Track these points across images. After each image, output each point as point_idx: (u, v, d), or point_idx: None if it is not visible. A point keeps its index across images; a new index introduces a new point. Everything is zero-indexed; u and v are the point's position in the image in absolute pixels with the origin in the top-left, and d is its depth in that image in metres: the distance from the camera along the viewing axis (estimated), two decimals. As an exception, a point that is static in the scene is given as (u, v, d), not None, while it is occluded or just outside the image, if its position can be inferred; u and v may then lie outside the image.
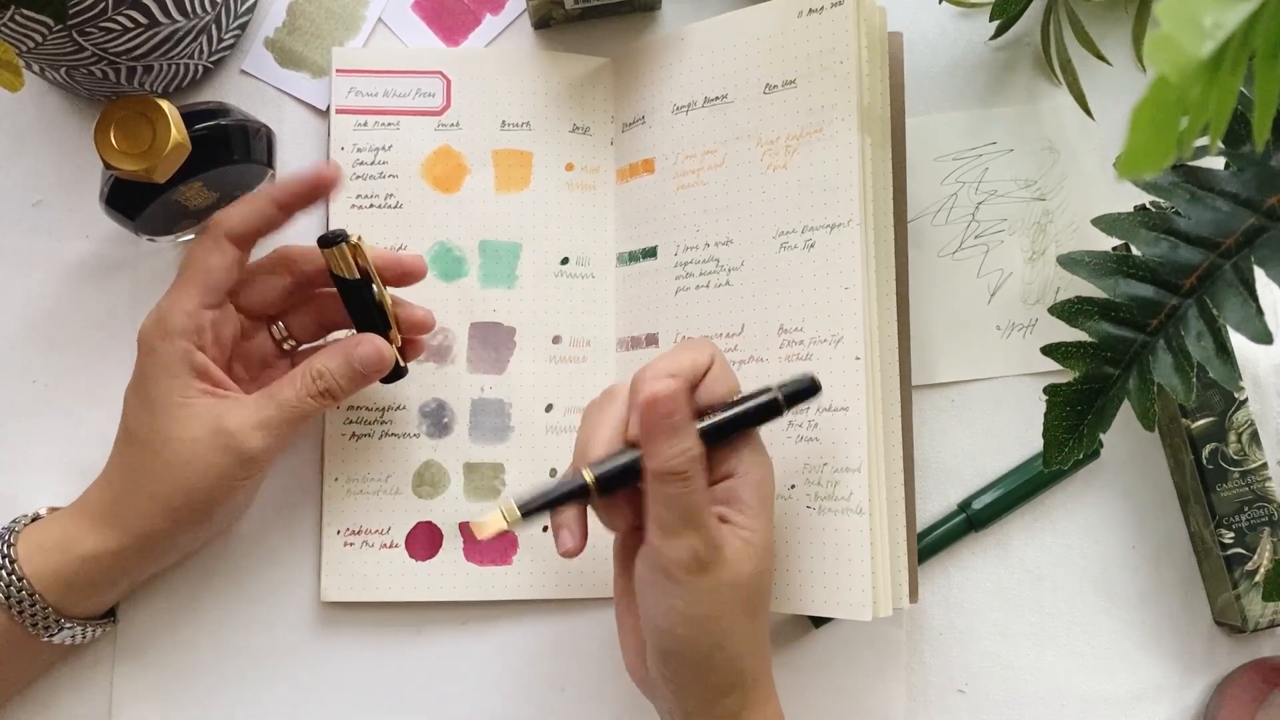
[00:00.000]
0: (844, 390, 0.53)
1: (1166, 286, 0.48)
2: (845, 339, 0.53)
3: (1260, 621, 0.57)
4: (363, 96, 0.61)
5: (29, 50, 0.52)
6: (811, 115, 0.56)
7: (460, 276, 0.60)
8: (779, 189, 0.56)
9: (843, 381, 0.53)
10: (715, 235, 0.58)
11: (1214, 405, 0.58)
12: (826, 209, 0.55)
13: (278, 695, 0.58)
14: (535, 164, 0.61)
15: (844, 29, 0.55)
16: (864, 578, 0.52)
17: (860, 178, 0.54)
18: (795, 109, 0.56)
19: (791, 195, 0.56)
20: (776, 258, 0.56)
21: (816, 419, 0.54)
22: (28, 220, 0.61)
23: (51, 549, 0.52)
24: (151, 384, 0.51)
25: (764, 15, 0.57)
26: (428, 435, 0.59)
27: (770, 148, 0.57)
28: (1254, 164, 0.47)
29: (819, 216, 0.55)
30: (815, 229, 0.55)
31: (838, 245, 0.54)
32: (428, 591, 0.58)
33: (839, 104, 0.55)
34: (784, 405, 0.49)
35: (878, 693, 0.59)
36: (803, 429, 0.54)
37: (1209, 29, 0.26)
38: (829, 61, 0.55)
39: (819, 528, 0.53)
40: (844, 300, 0.54)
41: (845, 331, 0.54)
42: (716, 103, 0.58)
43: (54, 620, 0.52)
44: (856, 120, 0.54)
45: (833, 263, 0.54)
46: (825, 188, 0.55)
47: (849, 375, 0.53)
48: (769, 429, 0.55)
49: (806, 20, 0.56)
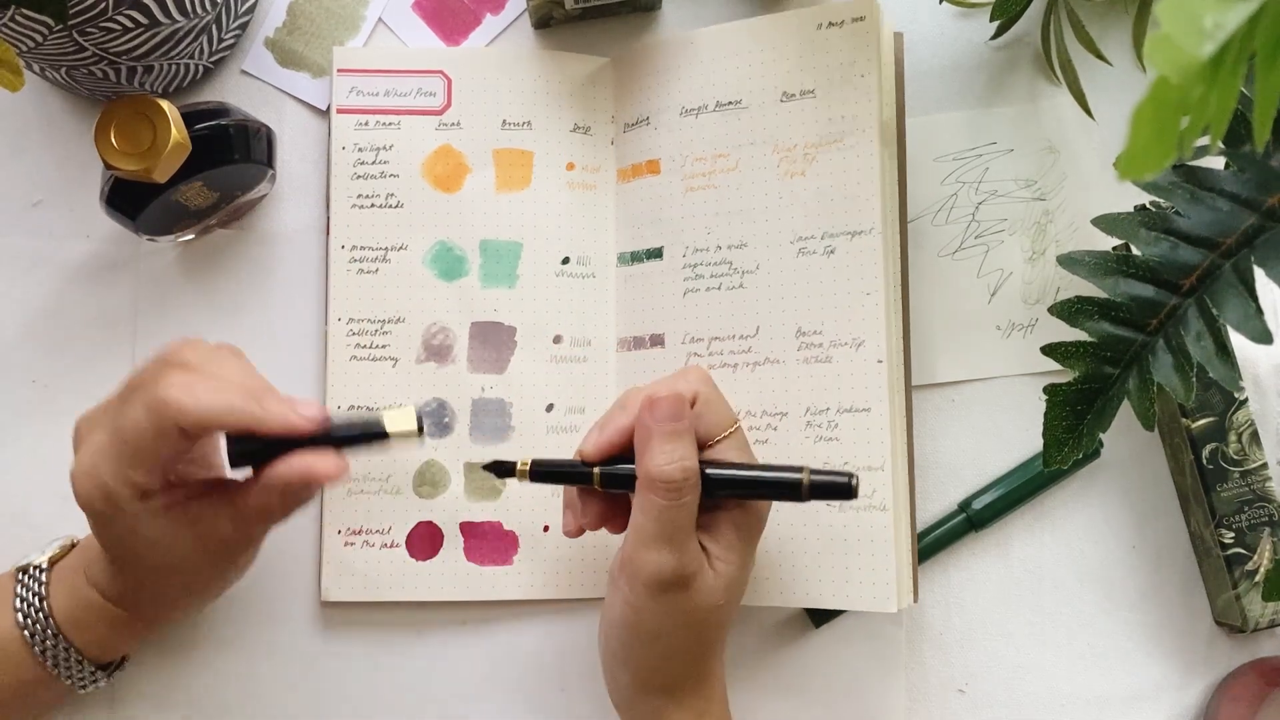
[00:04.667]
0: (865, 392, 0.55)
1: (1166, 286, 0.48)
2: (867, 343, 0.55)
3: (1260, 621, 0.57)
4: (363, 96, 0.61)
5: (29, 50, 0.52)
6: (831, 125, 0.57)
7: (461, 276, 0.60)
8: (797, 195, 0.57)
9: (864, 384, 0.55)
10: (728, 238, 0.58)
11: (1214, 405, 0.58)
12: (847, 216, 0.56)
13: (278, 695, 0.58)
14: (536, 163, 0.61)
15: (865, 44, 0.56)
16: (889, 570, 0.53)
17: (881, 188, 0.55)
18: (814, 118, 0.57)
19: (810, 202, 0.57)
20: (795, 262, 0.57)
21: (837, 419, 0.55)
22: (28, 220, 0.61)
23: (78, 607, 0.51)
24: (128, 539, 0.47)
25: (781, 25, 0.58)
26: (428, 435, 0.59)
27: (788, 154, 0.57)
28: (1254, 164, 0.47)
29: (839, 224, 0.56)
30: (835, 235, 0.56)
31: (859, 252, 0.55)
32: (428, 591, 0.58)
33: (859, 116, 0.56)
34: (807, 494, 0.48)
35: (878, 693, 0.59)
36: (822, 429, 0.55)
37: (1209, 30, 0.26)
38: (850, 74, 0.56)
39: (840, 524, 0.55)
40: (865, 305, 0.55)
41: (867, 335, 0.55)
42: (730, 107, 0.59)
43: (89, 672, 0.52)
44: (877, 133, 0.56)
45: (854, 269, 0.56)
46: (846, 196, 0.56)
47: (870, 378, 0.55)
48: (785, 428, 0.55)
49: (826, 33, 0.57)
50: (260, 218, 0.61)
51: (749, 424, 0.57)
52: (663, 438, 0.47)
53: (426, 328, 0.60)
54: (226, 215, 0.59)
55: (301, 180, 0.62)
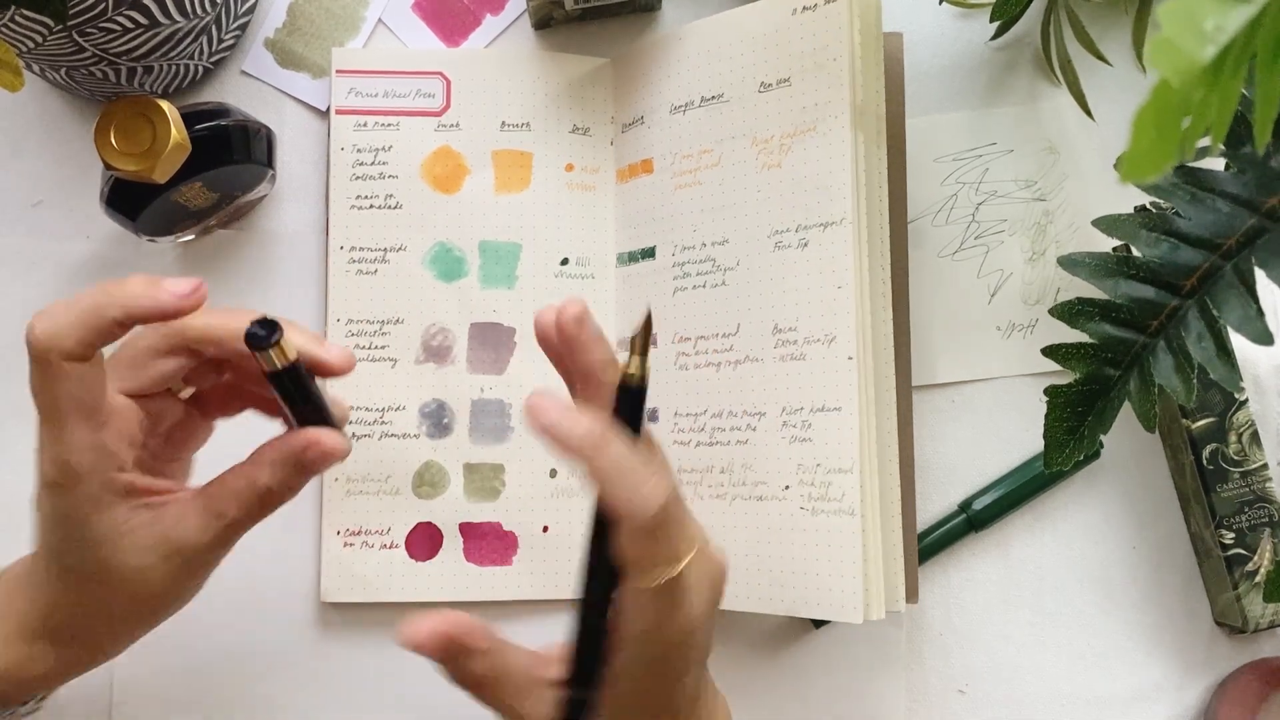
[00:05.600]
0: (837, 391, 0.53)
1: (1167, 287, 0.47)
2: (838, 338, 0.53)
3: (1260, 622, 0.57)
4: (363, 97, 0.61)
5: (29, 50, 0.52)
6: (805, 113, 0.55)
7: (460, 277, 0.60)
8: (773, 188, 0.56)
9: (835, 382, 0.53)
10: (712, 235, 0.58)
11: (1214, 406, 0.58)
12: (819, 207, 0.55)
13: (278, 695, 0.58)
14: (535, 164, 0.61)
15: (837, 26, 0.55)
16: (855, 579, 0.51)
17: (853, 176, 0.54)
18: (789, 107, 0.56)
19: (785, 194, 0.56)
20: (771, 257, 0.56)
21: (810, 419, 0.54)
22: (28, 220, 0.61)
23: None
24: (83, 526, 0.43)
25: (759, 14, 0.57)
26: (428, 436, 0.59)
27: (765, 146, 0.57)
28: (1255, 165, 0.47)
29: (812, 215, 0.55)
30: (809, 228, 0.55)
31: (830, 244, 0.54)
32: (428, 592, 0.58)
33: (832, 101, 0.55)
34: None
35: (878, 693, 0.59)
36: (797, 429, 0.54)
37: (1210, 33, 0.26)
38: (823, 59, 0.55)
39: (812, 529, 0.53)
40: (836, 299, 0.54)
41: (838, 331, 0.53)
42: (713, 102, 0.58)
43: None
44: (849, 118, 0.54)
45: (825, 261, 0.54)
46: (818, 186, 0.55)
47: (842, 375, 0.53)
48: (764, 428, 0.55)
49: (801, 18, 0.56)
50: (260, 218, 0.61)
51: (730, 424, 0.56)
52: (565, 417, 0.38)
53: (426, 328, 0.60)
54: (226, 216, 0.59)
55: (301, 181, 0.61)
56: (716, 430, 0.57)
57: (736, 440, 0.56)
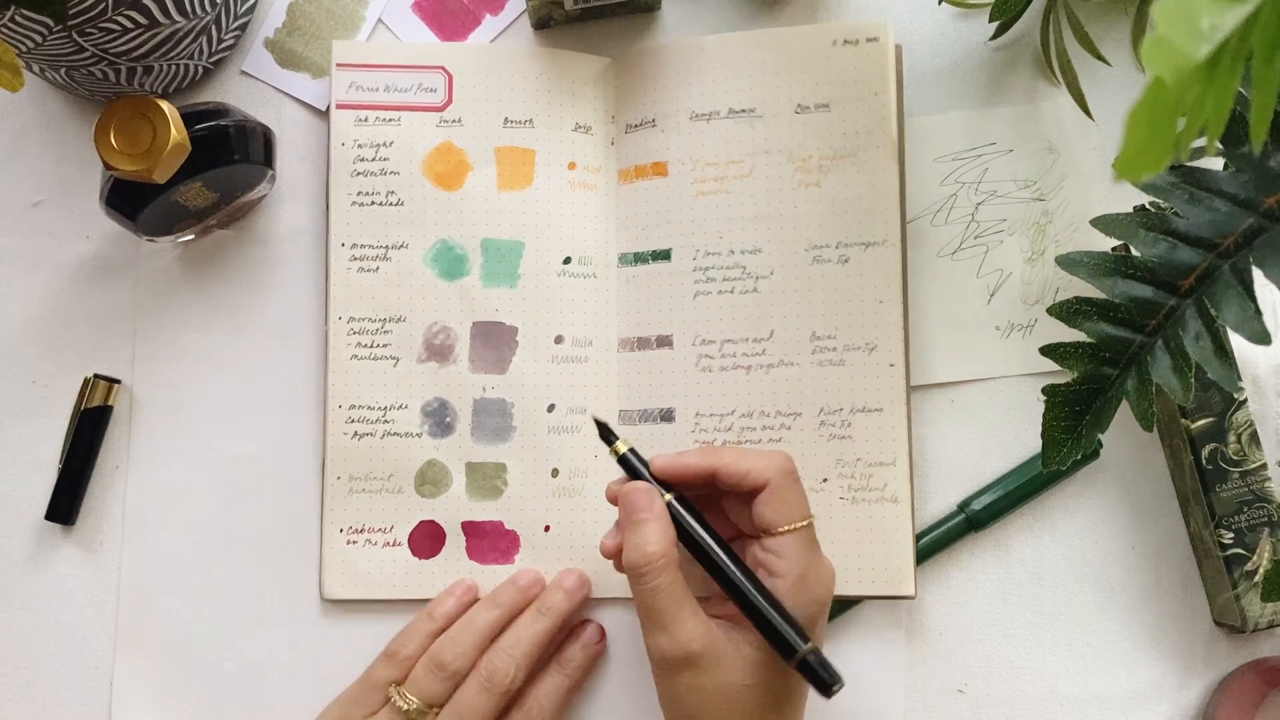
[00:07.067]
0: (879, 394, 0.57)
1: (1165, 287, 0.48)
2: (880, 347, 0.57)
3: (1260, 622, 0.57)
4: (363, 91, 0.60)
5: (29, 50, 0.52)
6: (845, 139, 0.58)
7: (462, 275, 0.60)
8: (811, 205, 0.58)
9: (877, 386, 0.57)
10: (742, 243, 0.59)
11: (1213, 406, 0.58)
12: (861, 228, 0.58)
13: (279, 693, 0.59)
14: (538, 162, 0.61)
15: (879, 64, 0.58)
16: (904, 556, 0.57)
17: (898, 202, 0.58)
18: (829, 131, 0.58)
19: (825, 212, 0.58)
20: (809, 269, 0.58)
21: (850, 419, 0.58)
22: (28, 220, 0.61)
23: None
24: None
25: (797, 39, 0.59)
26: (430, 435, 0.59)
27: (803, 165, 0.59)
28: (1252, 165, 0.47)
29: (853, 234, 0.58)
30: (850, 245, 0.58)
31: (874, 262, 0.58)
32: (430, 590, 0.58)
33: (873, 132, 0.58)
34: (795, 665, 0.47)
35: (878, 693, 0.59)
36: (836, 428, 0.58)
37: (1206, 31, 0.26)
38: (864, 92, 0.58)
39: (854, 516, 0.57)
40: (879, 311, 0.58)
41: (880, 340, 0.57)
42: (743, 115, 0.59)
43: None
44: (892, 150, 0.58)
45: (867, 277, 0.58)
46: (860, 209, 0.58)
47: (883, 380, 0.57)
48: (800, 427, 0.57)
49: (841, 50, 0.59)
50: (260, 218, 0.61)
51: (762, 424, 0.58)
52: (629, 528, 0.49)
53: (428, 327, 0.60)
54: (226, 215, 0.60)
55: (301, 180, 0.62)
56: (746, 429, 0.58)
57: (769, 439, 0.58)
